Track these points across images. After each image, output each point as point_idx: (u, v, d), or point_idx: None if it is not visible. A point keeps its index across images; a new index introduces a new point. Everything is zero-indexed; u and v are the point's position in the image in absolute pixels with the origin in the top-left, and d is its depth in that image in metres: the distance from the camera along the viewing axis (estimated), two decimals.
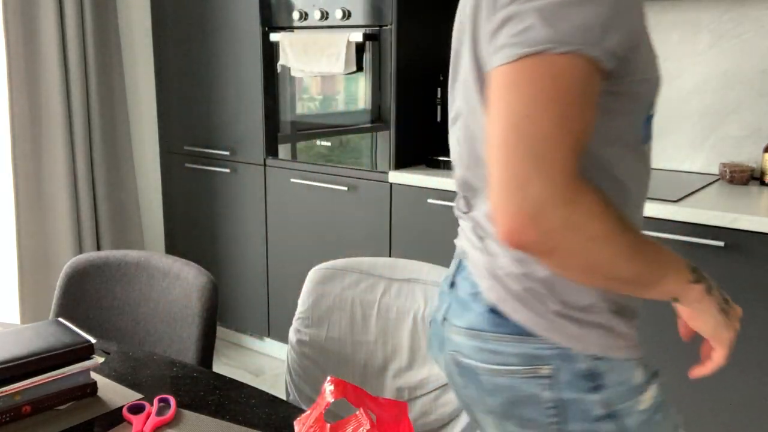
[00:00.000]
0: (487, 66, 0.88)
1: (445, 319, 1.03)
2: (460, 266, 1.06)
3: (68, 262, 1.68)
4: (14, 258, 2.86)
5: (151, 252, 1.71)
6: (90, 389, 1.19)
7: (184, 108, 3.17)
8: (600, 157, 0.89)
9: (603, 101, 0.84)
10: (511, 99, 0.80)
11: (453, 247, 2.44)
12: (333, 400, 0.91)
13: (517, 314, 0.93)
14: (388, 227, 2.57)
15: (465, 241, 1.07)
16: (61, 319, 1.26)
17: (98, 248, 3.09)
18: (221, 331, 3.32)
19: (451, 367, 1.02)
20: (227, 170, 3.03)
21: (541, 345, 0.92)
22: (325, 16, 2.61)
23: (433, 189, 2.42)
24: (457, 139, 1.04)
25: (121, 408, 1.15)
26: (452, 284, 1.05)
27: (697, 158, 2.50)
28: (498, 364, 0.95)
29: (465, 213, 1.07)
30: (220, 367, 3.02)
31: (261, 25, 2.80)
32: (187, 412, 1.14)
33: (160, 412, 1.13)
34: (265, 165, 2.92)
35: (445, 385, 1.44)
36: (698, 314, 0.95)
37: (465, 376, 1.00)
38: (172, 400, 1.15)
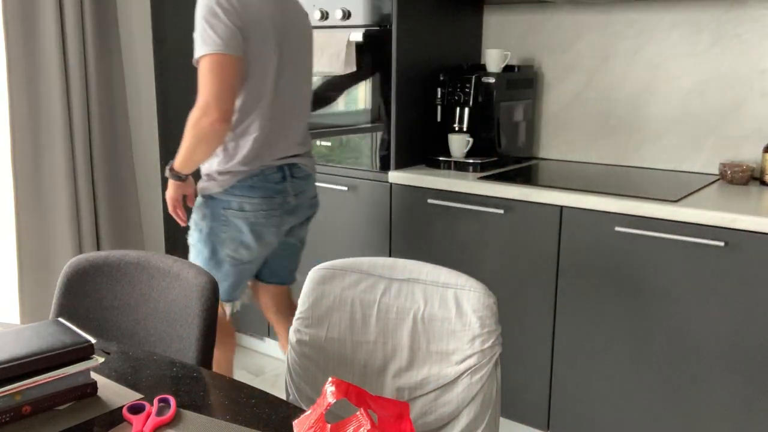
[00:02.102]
0: None
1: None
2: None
3: (68, 262, 1.68)
4: (14, 258, 2.86)
5: (151, 252, 1.71)
6: (90, 389, 1.19)
7: (184, 108, 3.16)
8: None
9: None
10: None
11: (453, 247, 2.45)
12: (334, 401, 0.90)
13: None
14: (388, 227, 2.57)
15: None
16: (61, 319, 1.26)
17: (98, 248, 3.09)
18: None
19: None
20: None
21: None
22: (325, 16, 2.61)
23: (433, 189, 2.42)
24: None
25: (121, 408, 1.15)
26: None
27: (697, 158, 2.50)
28: None
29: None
30: None
31: None
32: (187, 412, 1.14)
33: (160, 412, 1.13)
34: None
35: (445, 385, 1.44)
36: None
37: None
38: (172, 400, 1.15)
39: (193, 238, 2.09)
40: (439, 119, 2.67)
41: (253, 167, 1.96)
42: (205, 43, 1.76)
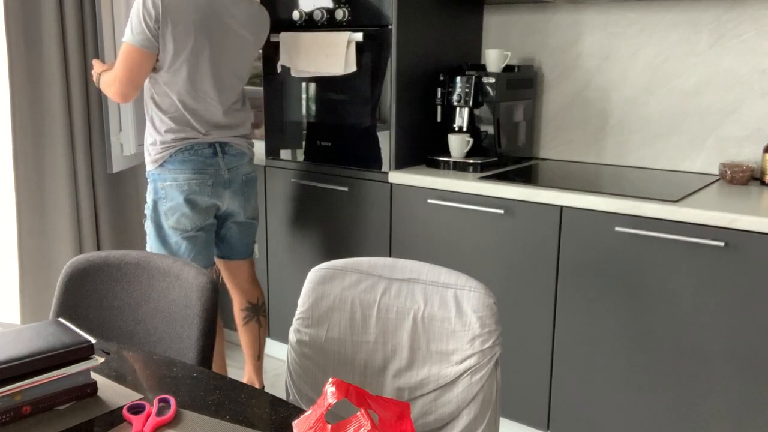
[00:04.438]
0: None
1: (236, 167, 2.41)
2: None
3: (68, 262, 1.68)
4: (14, 258, 2.86)
5: (151, 252, 1.71)
6: (90, 389, 1.19)
7: None
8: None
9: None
10: None
11: (453, 247, 2.44)
12: (335, 401, 0.90)
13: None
14: (388, 227, 2.57)
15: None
16: (61, 319, 1.26)
17: (98, 248, 3.09)
18: None
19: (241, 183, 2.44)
20: None
21: None
22: (325, 16, 2.61)
23: (433, 189, 2.42)
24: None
25: (121, 408, 1.15)
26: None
27: (697, 158, 2.50)
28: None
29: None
30: None
31: None
32: (187, 412, 1.14)
33: (160, 412, 1.13)
34: (265, 165, 2.92)
35: (445, 385, 1.44)
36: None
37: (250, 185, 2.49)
38: (172, 400, 1.15)
39: (146, 223, 2.36)
40: (439, 119, 2.67)
41: (177, 140, 2.27)
42: (127, 33, 2.19)
